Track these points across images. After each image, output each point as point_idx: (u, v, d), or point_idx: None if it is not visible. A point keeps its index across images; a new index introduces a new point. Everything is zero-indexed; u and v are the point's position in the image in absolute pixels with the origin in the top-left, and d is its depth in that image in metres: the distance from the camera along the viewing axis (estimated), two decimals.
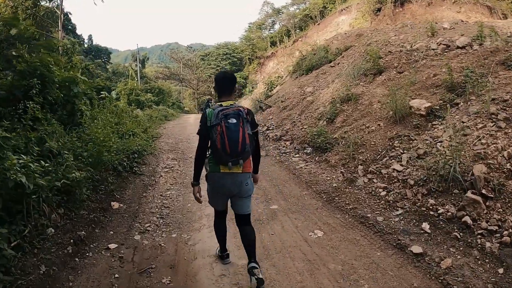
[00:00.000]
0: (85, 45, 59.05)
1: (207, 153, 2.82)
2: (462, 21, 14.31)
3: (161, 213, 4.84)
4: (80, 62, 12.27)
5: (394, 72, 8.86)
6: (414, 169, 5.04)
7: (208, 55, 41.95)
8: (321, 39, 22.76)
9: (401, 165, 5.32)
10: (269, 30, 38.57)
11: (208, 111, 2.74)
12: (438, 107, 6.39)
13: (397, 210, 4.35)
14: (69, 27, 44.45)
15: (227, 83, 2.89)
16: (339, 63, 13.63)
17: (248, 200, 2.93)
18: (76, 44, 12.71)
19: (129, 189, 5.74)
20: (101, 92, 24.36)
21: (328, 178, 5.71)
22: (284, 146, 8.35)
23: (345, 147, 6.49)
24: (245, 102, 23.78)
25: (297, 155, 7.42)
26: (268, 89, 18.31)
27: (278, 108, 12.58)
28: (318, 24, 29.47)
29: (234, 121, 2.60)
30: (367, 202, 4.67)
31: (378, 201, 4.66)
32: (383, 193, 4.81)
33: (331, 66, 13.86)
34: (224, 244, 3.29)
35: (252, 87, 27.33)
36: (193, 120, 19.45)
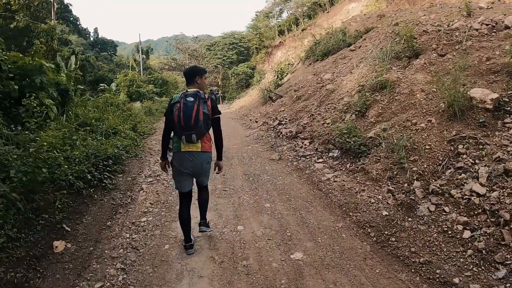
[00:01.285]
0: (91, 38, 57.83)
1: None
2: (499, 0, 12.48)
3: (124, 261, 3.19)
4: (59, 49, 10.57)
5: (435, 54, 7.17)
6: (505, 193, 3.29)
7: (214, 45, 39.87)
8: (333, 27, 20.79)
9: (481, 184, 3.55)
10: (277, 19, 36.26)
11: (174, 95, 3.13)
12: (507, 99, 4.73)
13: (498, 270, 2.61)
14: (71, 18, 42.82)
15: (191, 75, 3.19)
16: (360, 46, 11.84)
17: (208, 175, 3.28)
18: (56, 28, 11.00)
19: (89, 214, 4.11)
20: (100, 84, 22.91)
21: (373, 200, 3.94)
22: (302, 147, 6.59)
23: (388, 151, 4.73)
24: (253, 92, 22.07)
25: (320, 160, 5.65)
26: (278, 77, 16.48)
27: (291, 98, 10.82)
28: (328, 12, 27.57)
29: (192, 99, 2.96)
30: (445, 250, 2.91)
31: (462, 249, 2.89)
32: (466, 233, 3.04)
33: (351, 50, 12.11)
34: (188, 235, 3.28)
35: (260, 77, 25.44)
36: None
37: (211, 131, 3.17)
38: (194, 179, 3.25)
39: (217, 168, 3.33)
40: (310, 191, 4.57)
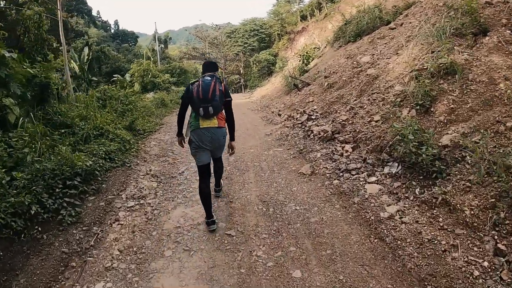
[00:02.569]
0: (112, 31, 57.64)
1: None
2: None
3: None
4: (48, 38, 9.25)
5: (508, 31, 5.40)
6: None
7: (235, 32, 38.04)
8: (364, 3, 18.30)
9: None
10: (299, 4, 33.99)
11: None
12: None
13: None
14: (85, 10, 41.99)
15: (210, 67, 3.57)
16: (402, 23, 9.76)
17: (223, 149, 3.62)
18: (43, 14, 9.67)
19: (25, 272, 2.67)
20: (114, 75, 21.79)
21: (476, 272, 2.13)
22: (342, 154, 4.82)
23: (479, 172, 2.95)
24: (275, 80, 20.26)
25: (373, 178, 3.88)
26: (303, 62, 14.58)
27: (321, 86, 9.00)
28: None
29: (209, 78, 3.28)
30: None
31: None
32: None
33: (391, 28, 10.07)
34: (209, 210, 3.40)
35: (283, 64, 23.48)
36: None
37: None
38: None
39: (230, 149, 3.63)
40: (365, 240, 2.83)
